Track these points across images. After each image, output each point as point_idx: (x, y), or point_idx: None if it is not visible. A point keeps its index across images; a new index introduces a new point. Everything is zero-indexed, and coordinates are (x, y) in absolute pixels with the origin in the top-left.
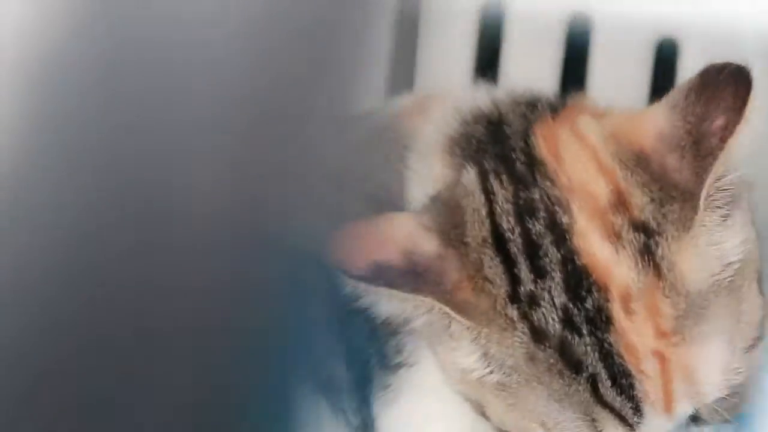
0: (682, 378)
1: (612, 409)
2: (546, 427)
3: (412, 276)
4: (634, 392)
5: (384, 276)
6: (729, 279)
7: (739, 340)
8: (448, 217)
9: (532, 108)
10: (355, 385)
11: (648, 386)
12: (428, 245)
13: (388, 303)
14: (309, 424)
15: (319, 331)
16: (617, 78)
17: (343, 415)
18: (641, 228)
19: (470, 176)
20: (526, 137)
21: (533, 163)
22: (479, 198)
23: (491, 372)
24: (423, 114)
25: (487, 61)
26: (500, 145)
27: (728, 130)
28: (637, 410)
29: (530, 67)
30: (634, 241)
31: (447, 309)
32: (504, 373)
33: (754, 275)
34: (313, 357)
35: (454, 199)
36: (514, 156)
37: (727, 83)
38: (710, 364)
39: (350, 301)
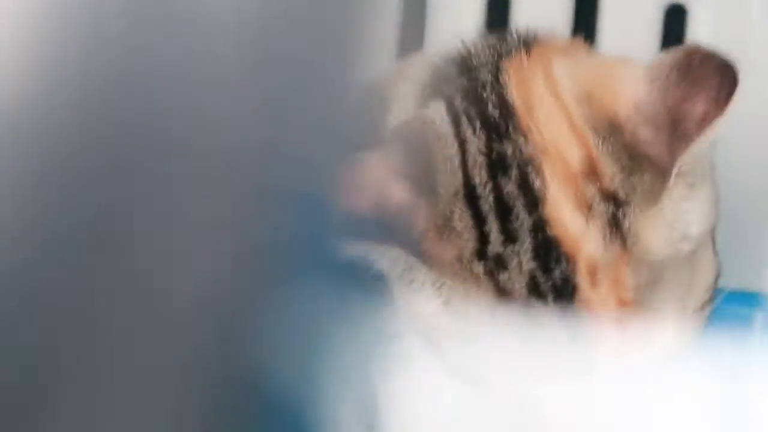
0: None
1: None
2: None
3: (383, 226)
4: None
5: (361, 229)
6: (689, 249)
7: (692, 303)
8: (419, 163)
9: (502, 41)
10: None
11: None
12: (399, 192)
13: (355, 246)
14: None
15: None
16: (626, 44)
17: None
18: (611, 198)
19: (439, 112)
20: (496, 72)
21: (506, 109)
22: (452, 145)
23: (451, 319)
24: (400, 76)
25: (498, 17)
26: (469, 79)
27: (707, 120)
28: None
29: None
30: (603, 212)
31: (414, 260)
32: (464, 322)
33: (709, 238)
34: None
35: (425, 143)
36: (484, 96)
37: (714, 75)
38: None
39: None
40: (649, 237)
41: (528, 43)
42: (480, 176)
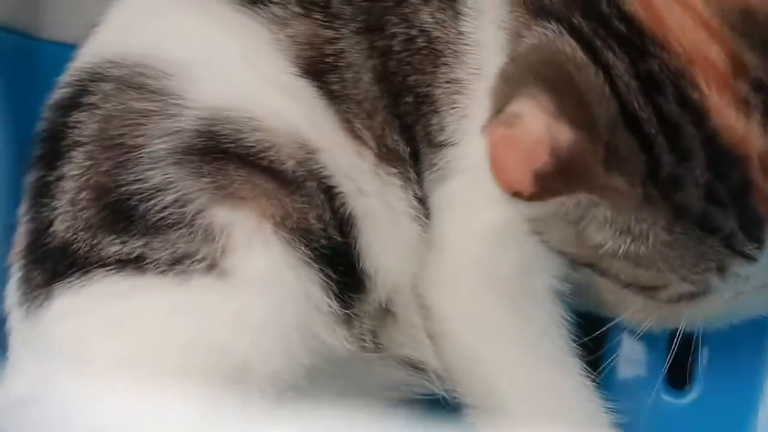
0: None
1: (742, 254)
2: (683, 278)
3: (565, 174)
4: (763, 235)
5: (547, 186)
6: None
7: None
8: (569, 99)
9: None
10: (412, 159)
11: None
12: (564, 135)
13: (552, 206)
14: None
15: None
16: None
17: (410, 185)
18: (760, 87)
19: (565, 39)
20: None
21: (632, 23)
22: (596, 74)
23: (624, 244)
24: None
25: None
26: None
27: None
28: (762, 245)
29: None
30: (759, 103)
31: (596, 198)
32: (640, 244)
33: None
34: None
35: (567, 77)
36: (605, 11)
37: None
38: None
39: None
40: None
41: None
42: (637, 100)
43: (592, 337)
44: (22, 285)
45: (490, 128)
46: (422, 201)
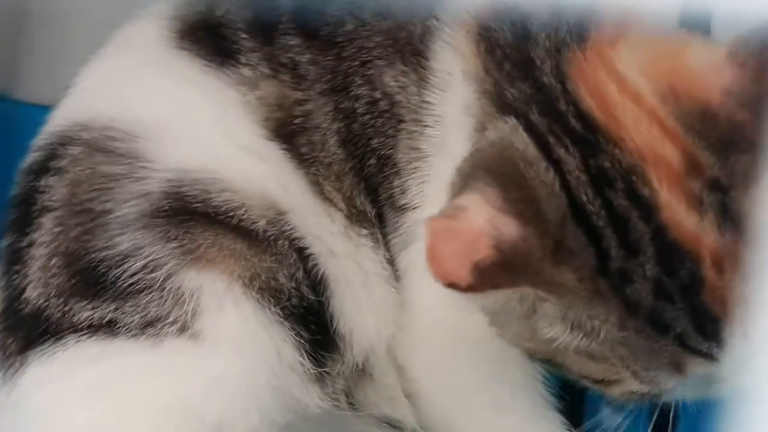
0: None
1: (699, 353)
2: (634, 374)
3: (508, 267)
4: (721, 334)
5: (487, 278)
6: None
7: None
8: (517, 194)
9: (553, 37)
10: (378, 221)
11: (735, 328)
12: (509, 229)
13: (492, 299)
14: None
15: None
16: None
17: (380, 246)
18: (716, 186)
19: (519, 134)
20: (562, 80)
21: (586, 120)
22: (547, 170)
23: (575, 339)
24: None
25: None
26: (537, 89)
27: None
28: (722, 347)
29: None
30: (713, 201)
31: (542, 293)
32: (590, 339)
33: None
34: None
35: (517, 171)
36: (561, 109)
37: None
38: None
39: None
40: (757, 214)
41: (581, 38)
42: (587, 194)
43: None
44: None
45: (431, 220)
46: (392, 263)
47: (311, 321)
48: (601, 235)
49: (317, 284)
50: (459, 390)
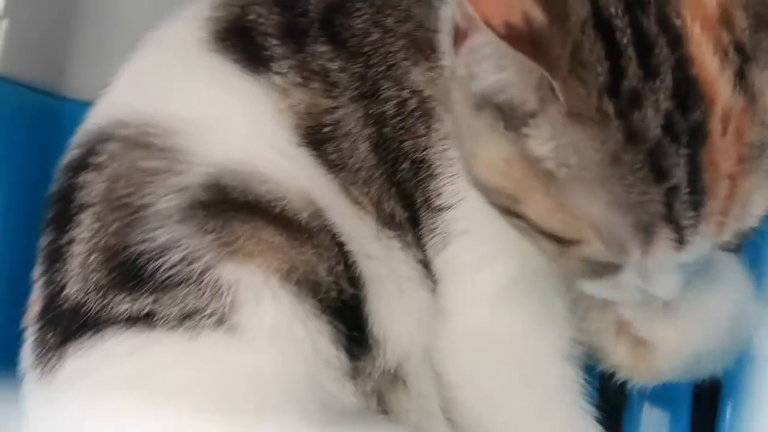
0: (739, 204)
1: (676, 225)
2: (597, 233)
3: (532, 43)
4: (701, 211)
5: (513, 37)
6: None
7: None
8: None
9: None
10: (410, 224)
11: (714, 208)
12: (539, 15)
13: (497, 71)
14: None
15: None
16: None
17: (410, 249)
18: (741, 50)
19: None
20: None
21: None
22: None
23: (560, 165)
24: None
25: None
26: None
27: None
28: (696, 229)
29: None
30: (735, 60)
31: (556, 85)
32: (575, 168)
33: None
34: None
35: None
36: None
37: None
38: (760, 196)
39: None
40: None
41: None
42: (615, 7)
43: (612, 398)
44: (36, 348)
45: None
46: (426, 266)
47: (348, 316)
48: (622, 50)
49: (356, 279)
50: (493, 396)
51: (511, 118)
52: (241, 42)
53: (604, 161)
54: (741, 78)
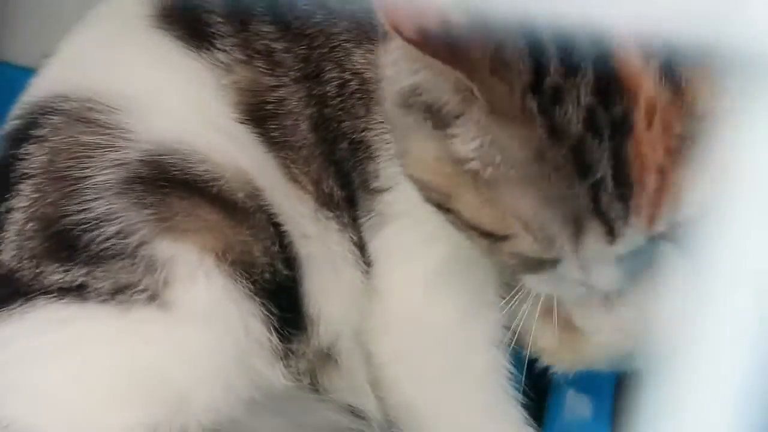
0: (671, 196)
1: (604, 218)
2: (527, 228)
3: (449, 47)
4: (629, 203)
5: (429, 44)
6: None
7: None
8: None
9: None
10: (346, 204)
11: (643, 200)
12: (457, 17)
13: (414, 73)
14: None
15: None
16: None
17: (347, 230)
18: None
19: None
20: None
21: None
22: None
23: (486, 165)
24: None
25: None
26: None
27: None
28: (626, 221)
29: None
30: (659, 54)
31: (474, 87)
32: (501, 166)
33: None
34: None
35: None
36: None
37: None
38: (693, 188)
39: None
40: (697, 88)
41: None
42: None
43: (536, 385)
44: None
45: None
46: (361, 247)
47: (282, 298)
48: (544, 49)
49: (291, 260)
50: (422, 378)
51: (437, 118)
52: (185, 19)
53: (528, 158)
54: (667, 70)
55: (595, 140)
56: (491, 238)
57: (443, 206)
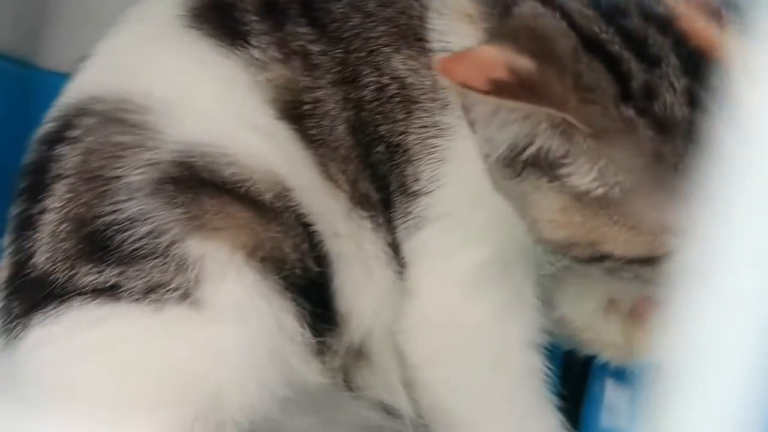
0: None
1: None
2: (675, 233)
3: (527, 89)
4: None
5: (505, 89)
6: None
7: None
8: (529, 39)
9: None
10: (382, 206)
11: None
12: (525, 63)
13: (505, 129)
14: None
15: None
16: None
17: (381, 230)
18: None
19: (531, 5)
20: None
21: None
22: (554, 16)
23: (612, 187)
24: None
25: None
26: None
27: None
28: None
29: None
30: (731, 22)
31: (569, 118)
32: (626, 182)
33: None
34: None
35: (527, 24)
36: None
37: None
38: None
39: None
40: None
41: None
42: (598, 26)
43: (573, 386)
44: (2, 316)
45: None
46: (395, 248)
47: (313, 294)
48: (620, 57)
49: (322, 258)
50: (456, 381)
51: (546, 168)
52: (219, 18)
53: (648, 163)
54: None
55: (705, 116)
56: (653, 262)
57: (596, 257)
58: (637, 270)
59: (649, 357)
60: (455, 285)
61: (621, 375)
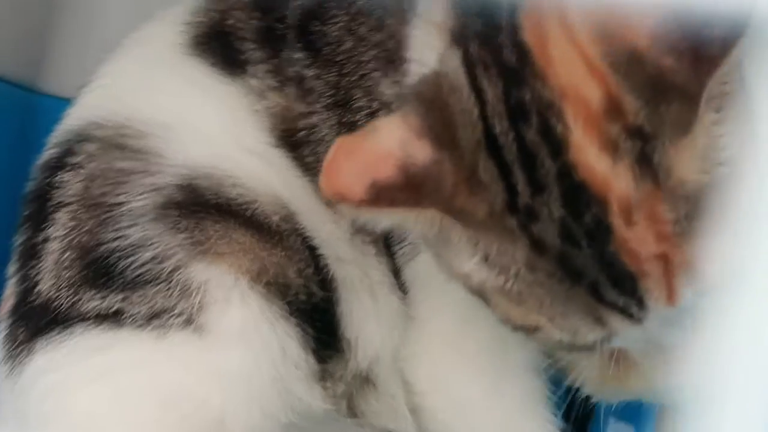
0: (684, 272)
1: (615, 307)
2: (553, 323)
3: (412, 189)
4: (638, 291)
5: (385, 196)
6: (725, 172)
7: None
8: (437, 118)
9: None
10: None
11: (651, 284)
12: (422, 152)
13: (388, 218)
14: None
15: None
16: None
17: (383, 255)
18: (637, 134)
19: (454, 64)
20: (512, 21)
21: (522, 54)
22: (469, 97)
23: (492, 276)
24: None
25: None
26: (485, 24)
27: (729, 42)
28: (642, 305)
29: None
30: (631, 149)
31: (448, 218)
32: (505, 277)
33: None
34: None
35: (441, 97)
36: (500, 39)
37: None
38: (710, 254)
39: None
40: (682, 168)
41: None
42: (500, 125)
43: (578, 411)
44: (7, 342)
45: (341, 138)
46: (397, 273)
47: (318, 319)
48: (511, 169)
49: (327, 283)
50: (462, 406)
51: (437, 244)
52: (219, 46)
53: (523, 268)
54: (644, 162)
55: (576, 251)
56: (524, 330)
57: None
58: (508, 327)
59: (631, 396)
60: (452, 313)
61: (624, 413)
